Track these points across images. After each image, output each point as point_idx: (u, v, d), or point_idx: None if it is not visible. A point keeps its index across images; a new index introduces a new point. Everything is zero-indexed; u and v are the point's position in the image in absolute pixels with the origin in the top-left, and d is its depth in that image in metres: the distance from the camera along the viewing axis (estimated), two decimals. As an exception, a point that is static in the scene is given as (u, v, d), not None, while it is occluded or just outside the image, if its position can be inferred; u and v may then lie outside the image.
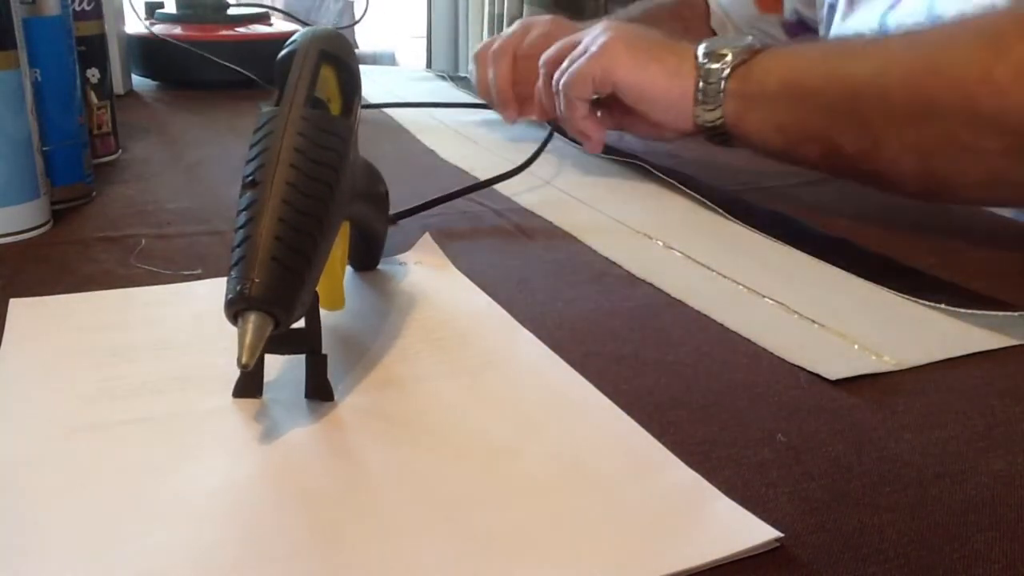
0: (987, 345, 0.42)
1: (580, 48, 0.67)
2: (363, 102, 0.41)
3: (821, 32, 0.86)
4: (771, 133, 0.60)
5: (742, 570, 0.28)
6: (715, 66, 0.60)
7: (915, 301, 0.47)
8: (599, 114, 0.69)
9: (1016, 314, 0.44)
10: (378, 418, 0.35)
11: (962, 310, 0.45)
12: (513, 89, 0.81)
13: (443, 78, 1.16)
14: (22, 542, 0.28)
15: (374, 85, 1.08)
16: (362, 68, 0.41)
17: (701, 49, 0.61)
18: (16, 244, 0.53)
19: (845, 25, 0.77)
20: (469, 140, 0.83)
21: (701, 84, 0.60)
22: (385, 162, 0.48)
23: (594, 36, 0.66)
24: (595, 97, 0.66)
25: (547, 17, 0.86)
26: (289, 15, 1.11)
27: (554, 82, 0.69)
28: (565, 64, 0.67)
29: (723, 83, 0.60)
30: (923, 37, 0.56)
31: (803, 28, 0.89)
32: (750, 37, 0.62)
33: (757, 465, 0.33)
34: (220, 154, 0.76)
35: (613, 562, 0.27)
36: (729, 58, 0.60)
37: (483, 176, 0.66)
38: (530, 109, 0.79)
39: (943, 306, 0.46)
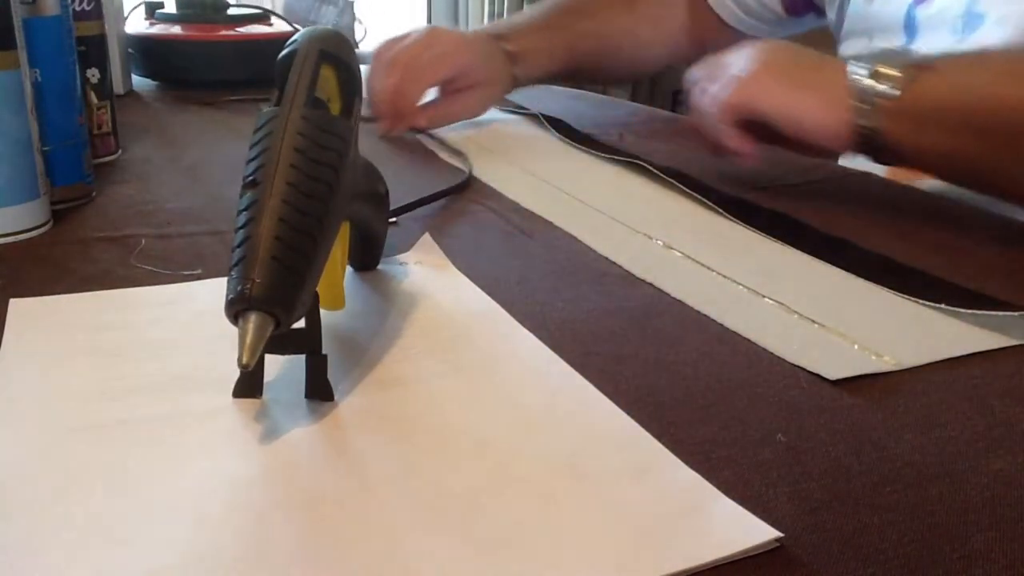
0: (987, 345, 0.42)
1: (728, 72, 0.65)
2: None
3: (831, 15, 0.84)
4: (932, 153, 0.59)
5: (742, 570, 0.28)
6: (876, 84, 0.58)
7: (915, 301, 0.47)
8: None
9: (1016, 314, 0.44)
10: (378, 418, 0.35)
11: (962, 310, 0.45)
12: (396, 102, 0.79)
13: None
14: (22, 542, 0.28)
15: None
16: (362, 68, 0.41)
17: (858, 67, 0.59)
18: (16, 244, 0.53)
19: (869, 11, 0.76)
20: (470, 140, 0.83)
21: (856, 103, 0.59)
22: (385, 162, 0.48)
23: (743, 59, 0.65)
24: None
25: (455, 35, 0.85)
26: (286, 20, 1.10)
27: (697, 100, 0.67)
28: (714, 88, 0.65)
29: (885, 101, 0.58)
30: None
31: (806, 4, 0.88)
32: (911, 51, 0.61)
33: (757, 465, 0.33)
34: (220, 154, 0.76)
35: (613, 562, 0.27)
36: (898, 76, 0.58)
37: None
38: (406, 123, 0.80)
39: (943, 306, 0.46)
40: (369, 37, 1.32)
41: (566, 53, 0.89)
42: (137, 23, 1.07)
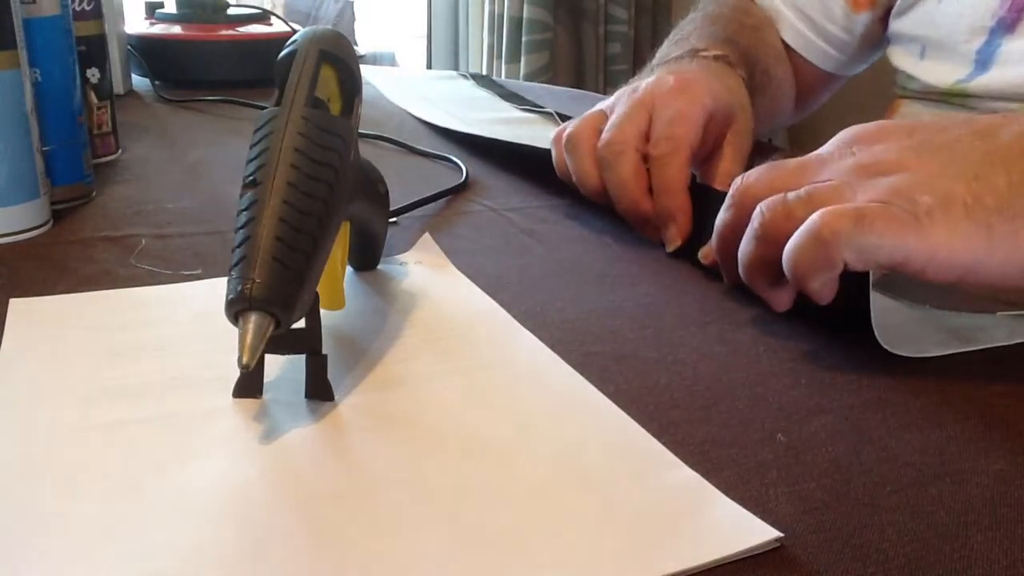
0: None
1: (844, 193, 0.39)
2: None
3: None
4: None
5: (742, 570, 0.28)
6: None
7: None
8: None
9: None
10: (378, 418, 0.35)
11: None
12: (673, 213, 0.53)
13: (465, 77, 1.14)
14: (22, 542, 0.28)
15: (399, 87, 1.05)
16: (388, 70, 0.41)
17: None
18: (16, 244, 0.53)
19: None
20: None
21: None
22: (385, 162, 0.48)
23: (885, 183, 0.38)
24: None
25: (659, 84, 0.56)
26: (285, 21, 1.10)
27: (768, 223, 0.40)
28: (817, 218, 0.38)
29: None
30: None
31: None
32: None
33: (757, 465, 0.33)
34: (220, 154, 0.76)
35: (613, 562, 0.27)
36: None
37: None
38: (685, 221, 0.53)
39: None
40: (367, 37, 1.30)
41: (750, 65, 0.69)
42: (137, 23, 1.07)
